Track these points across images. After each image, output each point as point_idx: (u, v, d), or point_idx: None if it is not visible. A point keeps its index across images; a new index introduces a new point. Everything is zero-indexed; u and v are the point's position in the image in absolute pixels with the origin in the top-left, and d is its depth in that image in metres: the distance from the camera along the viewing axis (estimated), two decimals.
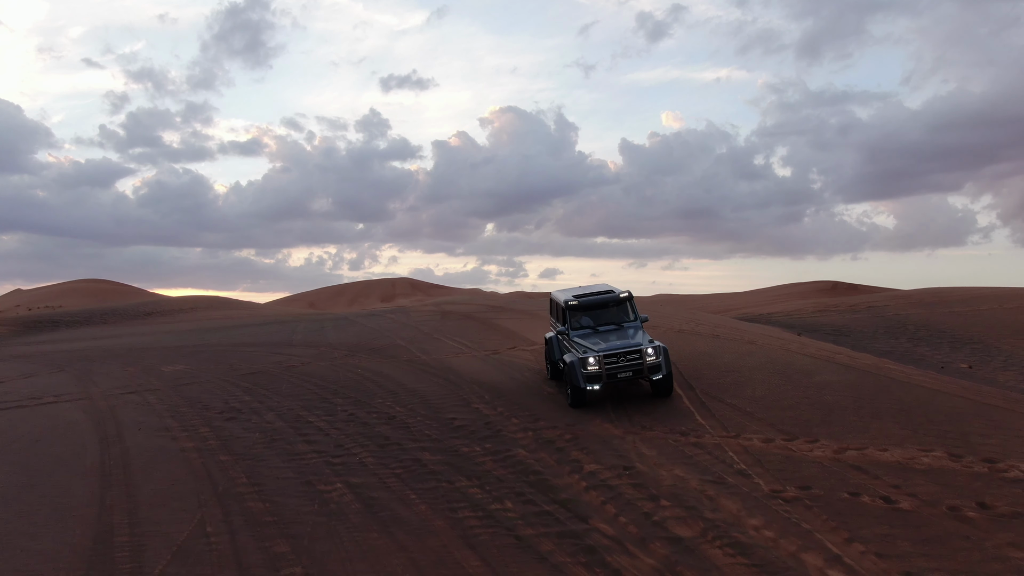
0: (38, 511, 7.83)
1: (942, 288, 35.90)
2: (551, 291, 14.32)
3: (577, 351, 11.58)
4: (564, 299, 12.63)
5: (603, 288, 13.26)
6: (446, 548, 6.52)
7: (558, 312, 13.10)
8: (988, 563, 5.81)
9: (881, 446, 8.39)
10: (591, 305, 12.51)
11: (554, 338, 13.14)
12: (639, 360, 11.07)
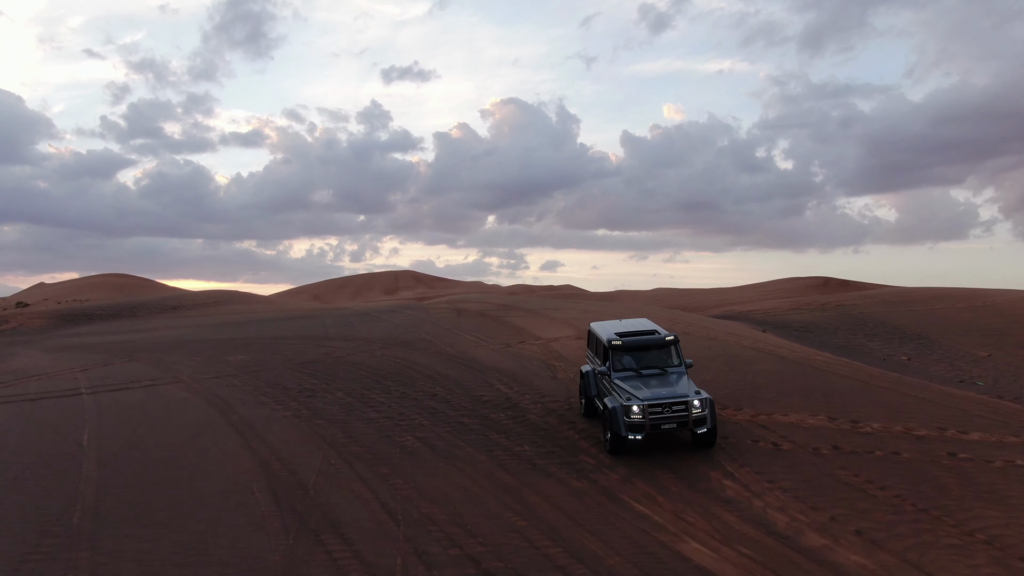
0: (209, 455, 11.61)
1: (929, 288, 39.72)
2: (591, 323, 14.00)
3: (620, 396, 11.17)
4: (607, 337, 12.24)
5: (647, 327, 12.90)
6: (488, 470, 10.33)
7: (598, 348, 12.72)
8: (823, 477, 9.63)
9: (783, 413, 12.21)
10: (635, 346, 12.08)
11: (591, 374, 12.75)
12: (685, 412, 10.75)
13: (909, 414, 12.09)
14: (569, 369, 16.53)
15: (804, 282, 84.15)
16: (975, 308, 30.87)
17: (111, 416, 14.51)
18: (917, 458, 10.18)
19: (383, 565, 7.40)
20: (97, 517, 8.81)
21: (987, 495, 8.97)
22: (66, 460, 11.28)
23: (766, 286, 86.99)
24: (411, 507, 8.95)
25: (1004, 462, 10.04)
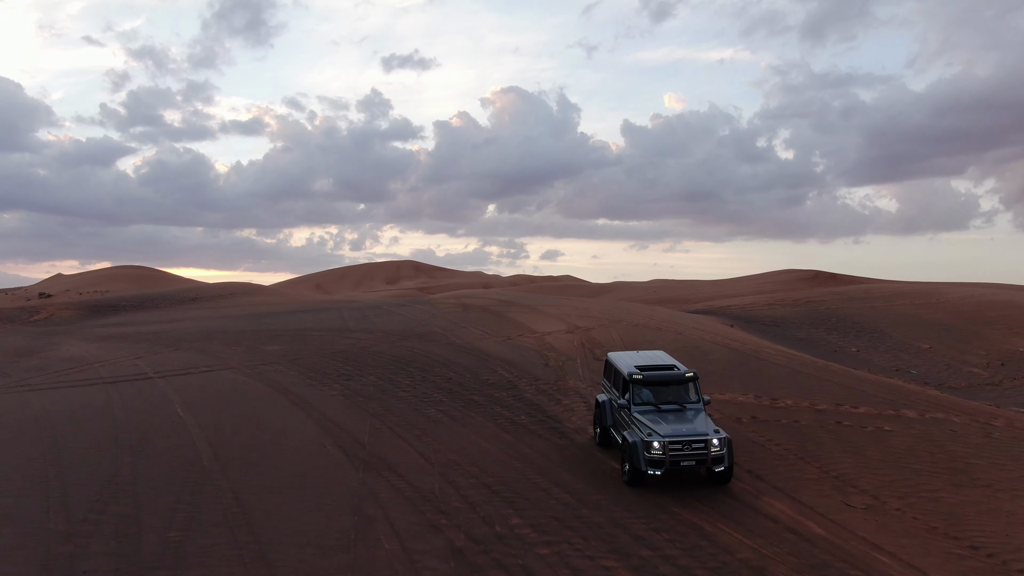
0: (283, 423, 15.31)
1: (904, 282, 43.37)
2: (608, 354, 14.53)
3: (641, 431, 11.51)
4: (627, 370, 12.62)
5: (666, 362, 13.32)
6: (493, 432, 14.07)
7: (617, 380, 13.10)
8: (736, 437, 13.36)
9: (722, 392, 15.96)
10: (655, 380, 12.44)
11: (608, 403, 13.20)
12: (704, 450, 11.10)
13: (818, 393, 15.84)
14: (559, 359, 20.26)
15: (795, 275, 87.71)
16: (929, 304, 34.59)
17: (188, 394, 18.23)
18: (811, 425, 13.94)
19: (426, 488, 11.14)
20: (219, 461, 12.54)
21: (851, 449, 12.73)
22: (174, 425, 15.01)
23: (759, 278, 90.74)
24: (440, 455, 12.69)
25: (874, 428, 13.80)
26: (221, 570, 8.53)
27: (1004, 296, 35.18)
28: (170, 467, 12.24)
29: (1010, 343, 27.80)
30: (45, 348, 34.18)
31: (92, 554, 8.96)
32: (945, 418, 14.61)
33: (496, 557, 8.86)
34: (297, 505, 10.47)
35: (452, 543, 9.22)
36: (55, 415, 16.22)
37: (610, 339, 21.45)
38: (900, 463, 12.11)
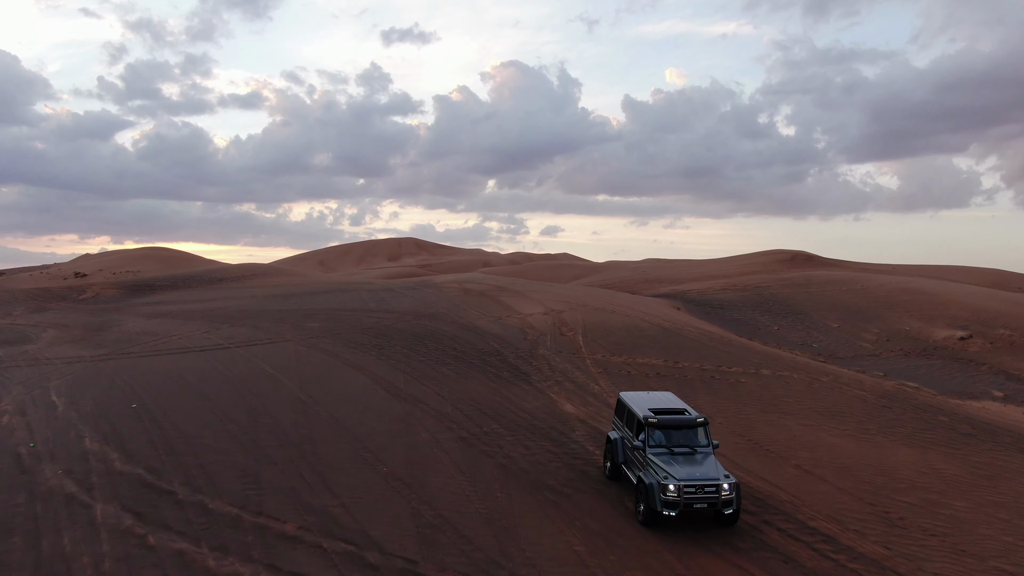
0: (345, 376, 22.99)
1: (863, 264, 50.80)
2: (620, 393, 15.65)
3: (657, 474, 12.56)
4: (643, 414, 13.73)
5: (677, 406, 14.55)
6: (486, 382, 21.80)
7: (631, 421, 14.19)
8: (638, 384, 21.11)
9: (642, 358, 23.68)
10: (669, 424, 13.46)
11: (620, 441, 14.38)
12: (716, 494, 12.13)
13: (709, 358, 23.56)
14: (535, 335, 27.89)
15: (776, 256, 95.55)
16: (853, 290, 42.19)
17: (268, 360, 25.89)
18: (693, 378, 21.68)
19: (443, 411, 18.87)
20: (313, 398, 20.23)
21: (710, 392, 20.46)
22: (272, 380, 22.70)
23: (743, 259, 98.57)
24: (450, 394, 20.41)
25: (735, 380, 21.53)
26: (340, 447, 16.23)
27: (916, 284, 42.71)
28: (287, 403, 19.95)
29: (902, 323, 35.48)
30: (112, 324, 41.85)
31: (268, 446, 16.68)
32: (789, 375, 22.35)
33: (484, 442, 16.59)
34: (369, 419, 18.20)
35: (459, 435, 16.96)
36: (187, 373, 23.96)
37: (575, 320, 29.13)
38: (737, 400, 19.86)
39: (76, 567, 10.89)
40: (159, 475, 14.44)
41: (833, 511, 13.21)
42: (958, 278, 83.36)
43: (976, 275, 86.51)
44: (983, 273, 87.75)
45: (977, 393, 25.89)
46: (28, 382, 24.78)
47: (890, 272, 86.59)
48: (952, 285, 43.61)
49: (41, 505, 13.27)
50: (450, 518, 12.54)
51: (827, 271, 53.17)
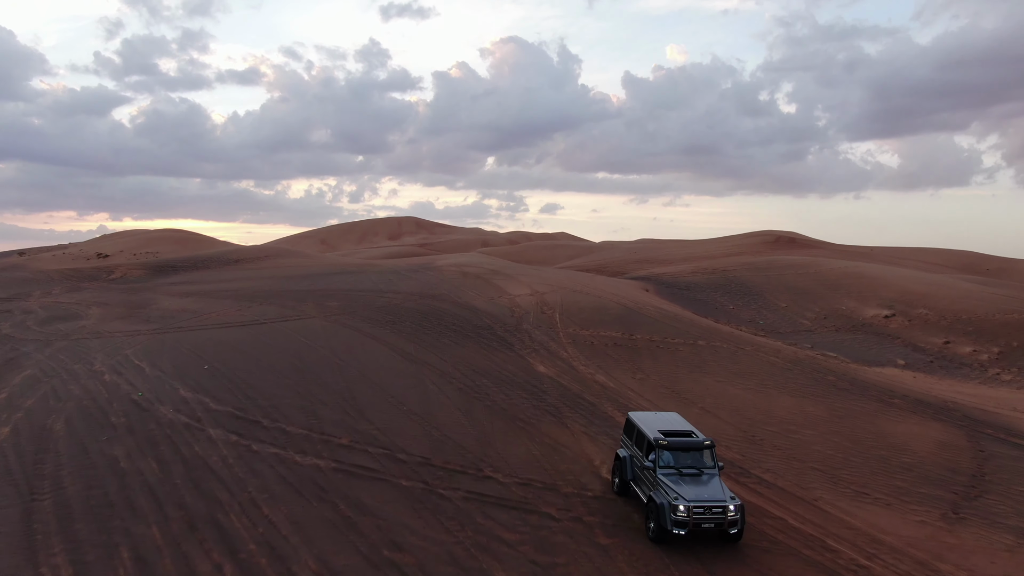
0: (367, 346, 29.26)
1: (836, 246, 56.85)
2: (630, 413, 16.79)
3: (668, 495, 13.57)
4: (653, 436, 14.79)
5: (683, 427, 15.67)
6: (477, 350, 28.11)
7: (640, 441, 15.33)
8: (598, 352, 27.41)
9: (604, 331, 29.98)
10: (678, 446, 14.50)
11: (629, 459, 15.54)
12: (722, 515, 13.18)
13: (659, 332, 29.82)
14: (521, 312, 34.06)
15: (761, 238, 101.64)
16: (807, 274, 48.35)
17: (301, 333, 32.13)
18: (641, 347, 27.96)
19: (445, 371, 25.17)
20: (344, 360, 26.52)
21: (651, 357, 26.75)
22: (308, 348, 28.96)
23: (730, 240, 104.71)
24: (452, 359, 26.70)
25: (674, 348, 27.81)
26: (370, 394, 22.50)
27: (860, 269, 48.84)
28: (324, 365, 26.22)
29: (841, 303, 41.70)
30: (148, 302, 48.04)
31: (318, 393, 22.97)
32: (720, 345, 28.63)
33: (475, 391, 22.88)
34: (390, 376, 24.48)
35: (457, 387, 23.28)
36: (237, 343, 30.21)
37: (555, 301, 35.34)
38: (671, 363, 26.16)
39: (211, 463, 17.21)
40: (244, 412, 20.74)
41: (714, 435, 19.54)
42: (929, 259, 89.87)
43: (949, 256, 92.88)
44: (956, 255, 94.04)
45: (883, 361, 32.22)
46: (106, 351, 31.04)
47: (867, 254, 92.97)
48: (891, 269, 49.74)
49: (168, 430, 19.56)
50: (451, 435, 18.88)
51: (788, 255, 59.28)
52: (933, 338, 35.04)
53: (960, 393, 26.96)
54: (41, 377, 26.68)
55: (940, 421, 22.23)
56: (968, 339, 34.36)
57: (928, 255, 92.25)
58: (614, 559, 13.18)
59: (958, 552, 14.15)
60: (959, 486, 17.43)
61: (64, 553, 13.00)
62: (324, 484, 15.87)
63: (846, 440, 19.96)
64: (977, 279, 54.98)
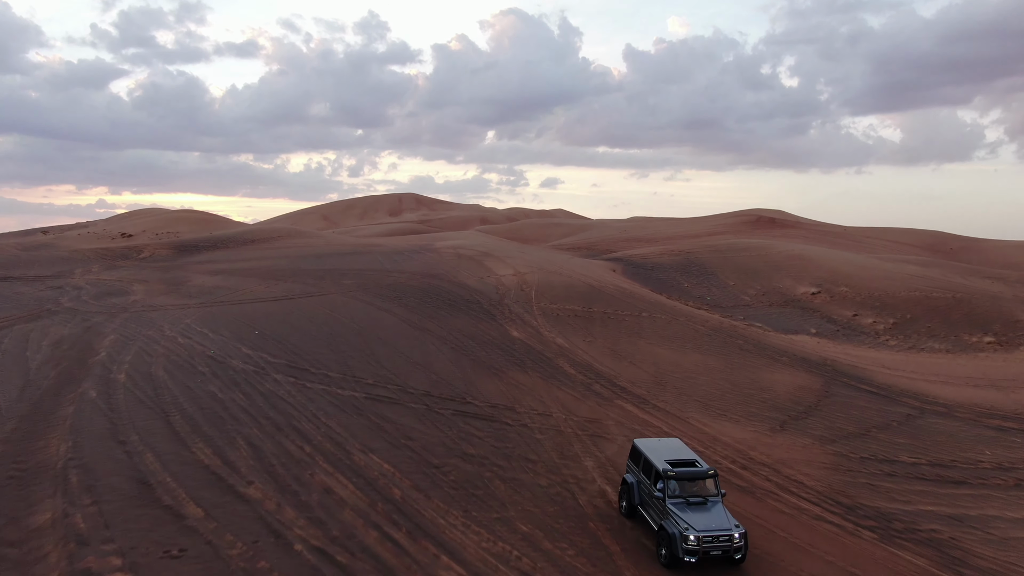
0: (380, 317, 37.71)
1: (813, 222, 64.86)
2: (635, 440, 18.41)
3: (679, 525, 15.23)
4: (662, 467, 16.40)
5: (687, 456, 17.29)
6: (468, 321, 36.62)
7: (647, 469, 16.95)
8: (563, 322, 35.90)
9: (566, 305, 38.44)
10: (685, 476, 16.15)
11: (636, 485, 17.16)
12: (729, 542, 14.95)
13: (613, 305, 38.27)
14: (504, 290, 42.47)
15: (742, 217, 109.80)
16: (758, 256, 56.60)
17: (324, 307, 40.56)
18: (595, 318, 36.46)
19: (444, 336, 33.67)
20: (363, 327, 35.00)
21: (599, 326, 35.25)
22: (333, 319, 37.44)
23: (715, 219, 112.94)
24: (447, 327, 35.19)
25: (620, 319, 36.28)
26: (386, 351, 30.99)
27: (801, 251, 57.06)
28: (348, 331, 34.67)
29: (780, 282, 50.04)
30: (183, 280, 56.42)
31: (347, 351, 31.49)
32: (659, 316, 37.03)
33: (464, 350, 31.36)
34: (400, 339, 32.94)
35: (450, 347, 31.78)
36: (273, 314, 38.66)
37: (533, 280, 43.65)
38: (616, 330, 34.60)
39: (280, 394, 25.68)
40: (294, 364, 29.19)
41: (632, 380, 28.05)
42: (897, 239, 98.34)
43: (917, 236, 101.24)
44: (923, 235, 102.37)
45: (798, 330, 40.66)
46: (169, 320, 39.45)
47: (840, 233, 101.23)
48: (830, 252, 57.99)
49: (243, 375, 28.03)
50: (444, 378, 27.42)
51: (748, 239, 67.47)
52: (845, 311, 43.48)
53: (845, 354, 35.43)
54: (126, 340, 35.17)
55: (809, 372, 30.76)
56: (873, 312, 42.78)
57: (897, 235, 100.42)
58: (541, 443, 21.74)
59: (768, 447, 22.72)
60: (794, 413, 26.01)
61: (202, 443, 21.49)
62: (359, 406, 24.42)
63: (728, 384, 28.50)
64: (920, 260, 63.33)
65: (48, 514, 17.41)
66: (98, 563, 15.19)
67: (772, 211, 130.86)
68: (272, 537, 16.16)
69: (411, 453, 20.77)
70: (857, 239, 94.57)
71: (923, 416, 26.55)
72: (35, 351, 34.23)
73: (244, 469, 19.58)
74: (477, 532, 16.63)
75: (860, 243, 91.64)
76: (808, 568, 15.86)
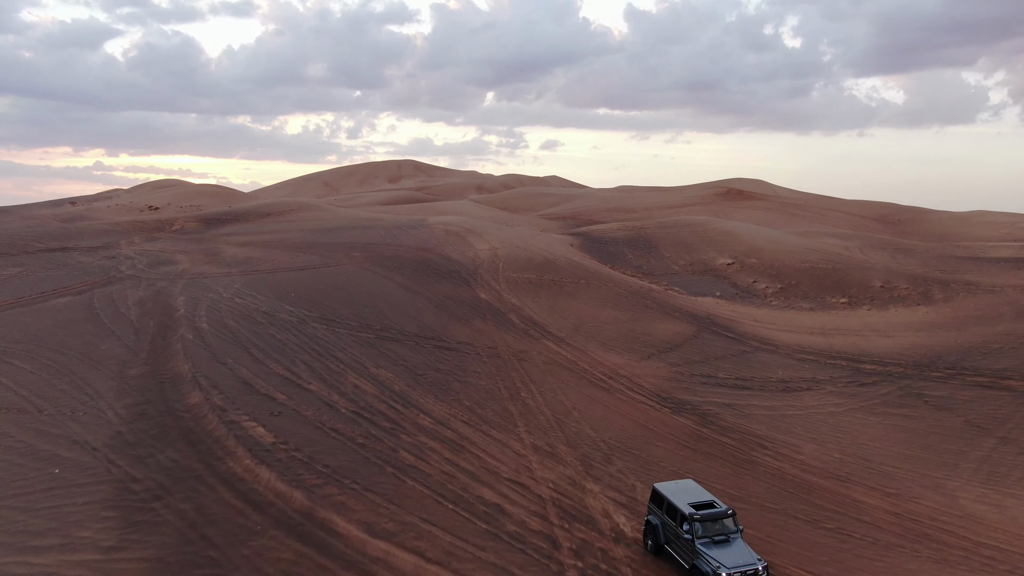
0: (384, 284, 52.02)
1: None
2: (656, 485, 21.29)
3: (711, 563, 18.01)
4: (688, 511, 19.17)
5: (706, 496, 20.34)
6: (452, 286, 50.99)
7: (671, 512, 19.75)
8: (521, 289, 50.24)
9: (525, 275, 52.73)
10: (709, 518, 19.05)
11: (661, 526, 20.05)
12: (754, 575, 17.78)
13: (559, 274, 52.54)
14: (479, 262, 56.63)
15: (714, 189, 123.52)
16: (696, 232, 70.49)
17: (340, 276, 54.84)
18: (545, 284, 50.77)
19: (430, 296, 48.03)
20: (372, 289, 49.35)
21: (546, 291, 49.58)
22: (352, 283, 51.76)
23: (689, 190, 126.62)
24: (432, 290, 49.53)
25: (561, 285, 50.56)
26: (389, 309, 45.32)
27: (731, 227, 70.86)
28: (362, 294, 48.99)
29: (706, 254, 64.01)
30: (217, 251, 70.67)
31: (364, 307, 45.88)
32: (594, 282, 51.25)
33: (444, 307, 45.69)
34: (399, 299, 47.27)
35: (435, 305, 46.15)
36: (301, 281, 53.01)
37: (503, 254, 57.68)
38: (558, 295, 48.86)
39: (319, 336, 40.07)
40: (325, 316, 43.47)
41: (558, 327, 42.34)
42: (851, 210, 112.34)
43: (869, 208, 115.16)
44: (876, 206, 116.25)
45: (706, 293, 54.80)
46: (220, 285, 53.75)
47: (800, 204, 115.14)
48: (754, 229, 71.82)
49: (290, 324, 42.34)
50: (429, 326, 41.85)
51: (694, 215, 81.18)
52: (748, 279, 57.65)
53: (732, 311, 49.59)
54: (194, 301, 49.50)
55: (690, 324, 45.06)
56: (768, 279, 56.95)
57: (851, 206, 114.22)
58: (486, 364, 36.14)
59: (632, 367, 37.13)
60: (663, 349, 40.38)
61: (275, 363, 35.88)
62: (372, 343, 38.82)
63: (625, 331, 42.85)
64: (842, 233, 77.16)
65: (197, 398, 31.97)
66: (236, 417, 29.74)
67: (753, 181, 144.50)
68: (327, 407, 30.72)
69: (404, 368, 35.30)
70: (812, 210, 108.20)
71: (754, 352, 40.89)
72: (127, 309, 48.60)
73: (304, 376, 34.14)
74: (440, 404, 31.21)
75: (813, 214, 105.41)
76: (618, 423, 30.37)
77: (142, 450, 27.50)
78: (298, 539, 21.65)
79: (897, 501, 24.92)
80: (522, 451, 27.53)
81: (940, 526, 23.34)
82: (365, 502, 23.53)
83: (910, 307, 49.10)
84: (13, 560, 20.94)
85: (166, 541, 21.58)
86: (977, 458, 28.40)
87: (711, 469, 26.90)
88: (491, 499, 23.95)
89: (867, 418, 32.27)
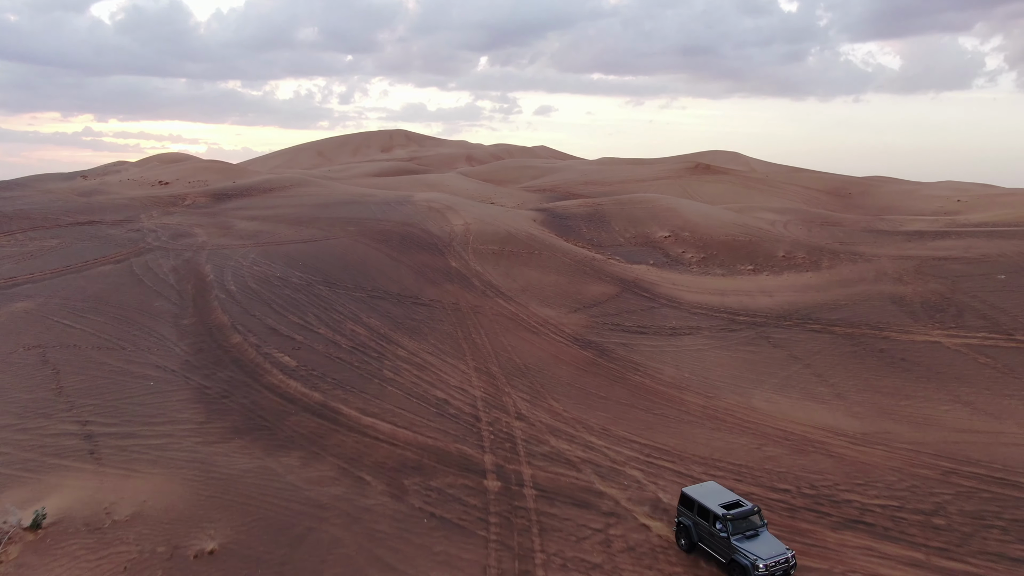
0: (378, 255, 66.08)
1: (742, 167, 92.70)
2: (684, 489, 23.76)
3: (748, 557, 20.76)
4: (720, 512, 21.89)
5: (731, 496, 23.08)
6: (430, 256, 65.20)
7: (703, 514, 22.39)
8: (490, 261, 64.45)
9: (488, 247, 66.91)
10: (739, 516, 21.83)
11: (693, 526, 22.59)
12: (786, 563, 20.74)
13: (517, 246, 66.77)
14: (454, 235, 70.63)
15: (683, 163, 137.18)
16: (645, 208, 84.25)
17: (337, 248, 68.91)
18: (500, 255, 64.94)
19: (412, 265, 62.24)
20: (368, 260, 63.50)
21: (505, 262, 63.78)
22: (353, 251, 65.87)
23: (662, 163, 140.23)
24: (414, 260, 63.69)
25: (519, 256, 64.74)
26: (380, 276, 59.47)
27: (672, 203, 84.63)
28: (358, 262, 63.08)
29: (648, 228, 77.88)
30: (229, 224, 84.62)
31: (360, 273, 60.10)
32: (545, 252, 65.37)
33: (422, 274, 59.87)
34: (389, 267, 61.38)
35: (414, 271, 60.38)
36: (306, 252, 67.12)
37: (474, 229, 71.58)
38: (515, 262, 63.01)
39: (324, 296, 54.26)
40: (328, 280, 57.57)
41: (508, 289, 56.53)
42: (806, 183, 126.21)
43: (824, 179, 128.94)
44: (830, 178, 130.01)
45: (641, 261, 68.85)
46: (239, 255, 67.76)
47: (764, 177, 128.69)
48: (692, 205, 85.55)
49: (299, 286, 56.44)
50: (408, 287, 56.11)
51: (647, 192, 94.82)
52: (679, 249, 71.75)
53: (658, 276, 63.66)
54: (220, 268, 63.58)
55: (616, 286, 59.22)
56: (695, 249, 71.00)
57: (807, 179, 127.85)
58: (449, 314, 50.44)
59: (559, 318, 51.47)
60: (587, 304, 54.64)
61: (292, 315, 50.07)
62: (364, 300, 53.04)
63: (561, 291, 57.05)
64: (780, 208, 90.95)
65: (238, 339, 46.31)
66: (268, 351, 44.07)
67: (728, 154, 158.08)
68: (331, 344, 45.07)
69: (388, 318, 49.64)
70: (773, 184, 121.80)
71: (660, 308, 55.13)
72: (165, 275, 62.80)
73: (315, 323, 48.45)
74: (413, 342, 45.59)
75: (772, 188, 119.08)
76: (537, 354, 44.70)
77: (206, 371, 41.94)
78: (318, 417, 36.14)
79: (709, 400, 39.38)
80: (466, 371, 41.96)
81: (729, 413, 37.78)
82: (360, 398, 38.02)
83: (799, 273, 63.24)
84: (141, 430, 35.39)
85: (236, 418, 36.10)
86: (782, 376, 42.79)
87: (594, 382, 41.33)
88: (442, 396, 38.47)
89: (722, 353, 46.62)
